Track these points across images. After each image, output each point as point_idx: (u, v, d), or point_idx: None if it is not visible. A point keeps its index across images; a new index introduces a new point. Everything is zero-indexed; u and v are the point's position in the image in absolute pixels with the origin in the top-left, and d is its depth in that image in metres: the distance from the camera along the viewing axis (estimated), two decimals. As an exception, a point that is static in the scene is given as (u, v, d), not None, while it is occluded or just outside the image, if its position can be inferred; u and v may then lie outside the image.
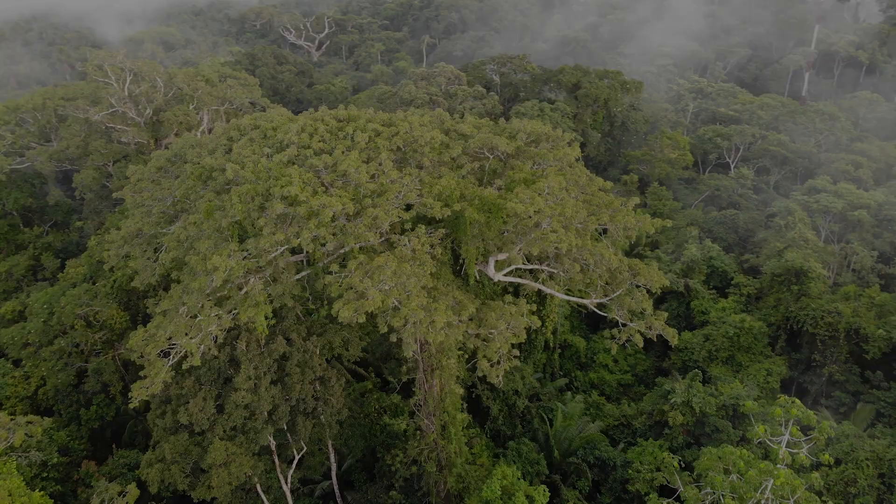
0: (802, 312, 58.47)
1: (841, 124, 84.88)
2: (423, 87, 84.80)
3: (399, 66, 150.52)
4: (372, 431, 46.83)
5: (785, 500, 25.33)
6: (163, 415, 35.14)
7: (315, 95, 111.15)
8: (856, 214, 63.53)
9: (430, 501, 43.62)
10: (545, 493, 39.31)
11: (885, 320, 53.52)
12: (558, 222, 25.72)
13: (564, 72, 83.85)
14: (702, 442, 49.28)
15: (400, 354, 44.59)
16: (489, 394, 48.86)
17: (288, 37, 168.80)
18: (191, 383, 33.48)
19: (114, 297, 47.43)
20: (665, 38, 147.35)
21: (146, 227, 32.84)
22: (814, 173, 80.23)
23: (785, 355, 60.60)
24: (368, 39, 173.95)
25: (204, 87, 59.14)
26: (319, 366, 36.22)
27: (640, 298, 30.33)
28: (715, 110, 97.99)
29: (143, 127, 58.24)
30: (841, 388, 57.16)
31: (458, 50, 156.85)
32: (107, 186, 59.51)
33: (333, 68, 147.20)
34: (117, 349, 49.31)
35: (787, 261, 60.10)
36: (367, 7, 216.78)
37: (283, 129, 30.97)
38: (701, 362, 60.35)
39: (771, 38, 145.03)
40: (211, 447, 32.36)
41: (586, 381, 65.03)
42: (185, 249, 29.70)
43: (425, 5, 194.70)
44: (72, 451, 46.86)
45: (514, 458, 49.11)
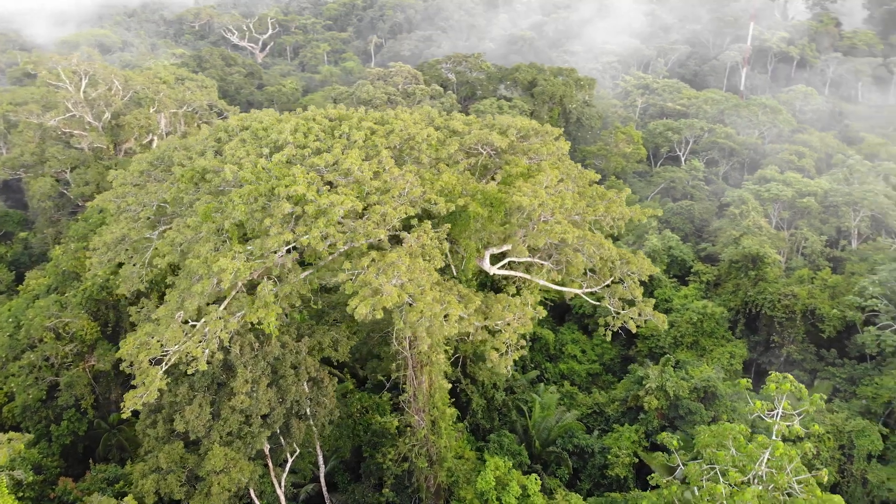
0: (760, 296, 61.20)
1: (783, 117, 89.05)
2: (380, 86, 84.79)
3: (347, 66, 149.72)
4: (355, 431, 46.82)
5: (780, 471, 26.74)
6: (153, 424, 34.37)
7: (266, 97, 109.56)
8: (804, 202, 66.84)
9: (420, 497, 43.92)
10: (536, 481, 40.17)
11: (839, 300, 56.57)
12: (561, 214, 26.49)
13: (520, 70, 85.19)
14: (676, 424, 51.07)
15: (387, 353, 44.74)
16: (472, 388, 49.44)
17: (231, 38, 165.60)
18: (185, 390, 32.88)
19: (84, 307, 45.93)
20: (608, 36, 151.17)
21: (133, 232, 32.10)
22: (759, 164, 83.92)
23: (744, 338, 63.33)
24: (313, 40, 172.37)
25: (165, 90, 57.74)
26: (313, 367, 36.12)
27: (632, 286, 31.41)
28: (663, 105, 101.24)
29: (101, 132, 56.48)
30: (798, 366, 60.09)
31: (405, 50, 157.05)
32: (65, 194, 57.40)
33: (280, 69, 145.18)
34: (88, 361, 47.80)
35: (744, 247, 62.77)
36: (308, 7, 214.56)
37: (276, 129, 30.78)
38: (667, 348, 62.40)
39: (708, 36, 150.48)
40: (209, 454, 31.89)
41: (556, 373, 66.30)
42: (182, 253, 29.22)
43: (369, 5, 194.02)
44: (44, 468, 45.18)
45: (495, 450, 49.81)
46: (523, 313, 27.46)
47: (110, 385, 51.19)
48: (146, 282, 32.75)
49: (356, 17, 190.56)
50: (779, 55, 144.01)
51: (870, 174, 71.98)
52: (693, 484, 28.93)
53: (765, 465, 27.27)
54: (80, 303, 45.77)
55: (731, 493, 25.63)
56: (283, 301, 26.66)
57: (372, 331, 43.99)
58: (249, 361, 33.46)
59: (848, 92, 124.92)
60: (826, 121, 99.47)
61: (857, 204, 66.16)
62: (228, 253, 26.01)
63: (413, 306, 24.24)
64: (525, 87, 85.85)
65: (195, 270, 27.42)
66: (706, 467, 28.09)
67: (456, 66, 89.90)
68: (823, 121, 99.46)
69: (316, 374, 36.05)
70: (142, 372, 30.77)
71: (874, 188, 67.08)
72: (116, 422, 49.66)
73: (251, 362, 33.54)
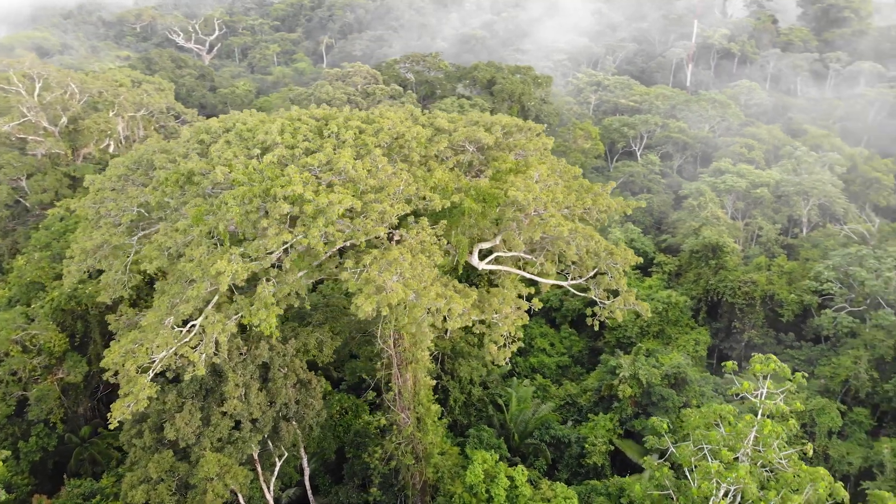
0: (721, 284, 63.40)
1: (732, 111, 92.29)
2: (339, 87, 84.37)
3: (299, 66, 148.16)
4: (335, 433, 46.68)
5: (768, 448, 28.01)
6: (140, 434, 33.63)
7: (219, 100, 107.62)
8: (758, 192, 69.52)
9: (406, 495, 44.07)
10: (523, 472, 40.81)
11: (796, 285, 59.09)
12: (554, 207, 27.11)
13: (479, 68, 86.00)
14: (649, 411, 52.49)
15: (369, 353, 44.73)
16: (454, 384, 49.84)
17: (176, 39, 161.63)
18: (173, 398, 32.30)
19: (52, 318, 44.50)
20: (557, 35, 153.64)
21: (115, 238, 31.38)
22: (712, 157, 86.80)
23: (707, 325, 65.50)
24: (262, 41, 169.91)
25: (125, 93, 56.22)
26: (301, 368, 35.93)
27: (617, 277, 32.31)
28: (616, 101, 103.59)
29: (58, 137, 54.68)
30: (759, 350, 62.27)
31: (357, 50, 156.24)
32: (21, 202, 55.30)
33: (229, 71, 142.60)
34: (56, 374, 46.33)
35: (704, 238, 64.92)
36: (253, 8, 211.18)
37: (262, 129, 30.56)
38: (634, 338, 64.01)
39: (654, 33, 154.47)
40: (203, 460, 31.42)
41: (527, 367, 67.23)
42: (171, 258, 28.75)
43: (317, 5, 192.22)
44: (15, 486, 43.66)
45: (475, 444, 50.30)
46: (519, 305, 28.00)
47: (79, 397, 49.77)
48: (129, 288, 32.01)
49: (304, 18, 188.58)
50: (721, 52, 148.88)
51: (816, 164, 75.35)
52: (684, 465, 30.00)
53: (751, 442, 28.50)
54: (47, 314, 44.33)
55: (723, 470, 26.71)
56: (283, 302, 26.52)
57: (354, 331, 43.93)
58: (238, 365, 33.11)
59: (787, 86, 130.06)
60: (770, 114, 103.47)
61: (807, 193, 69.22)
62: (224, 255, 25.74)
63: (418, 302, 24.46)
64: (484, 86, 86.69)
65: (188, 274, 27.03)
66: (694, 448, 29.15)
67: (414, 65, 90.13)
68: (768, 114, 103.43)
69: (304, 376, 35.85)
70: (129, 380, 30.13)
71: (822, 178, 70.30)
72: (88, 435, 48.37)
73: (240, 366, 33.19)
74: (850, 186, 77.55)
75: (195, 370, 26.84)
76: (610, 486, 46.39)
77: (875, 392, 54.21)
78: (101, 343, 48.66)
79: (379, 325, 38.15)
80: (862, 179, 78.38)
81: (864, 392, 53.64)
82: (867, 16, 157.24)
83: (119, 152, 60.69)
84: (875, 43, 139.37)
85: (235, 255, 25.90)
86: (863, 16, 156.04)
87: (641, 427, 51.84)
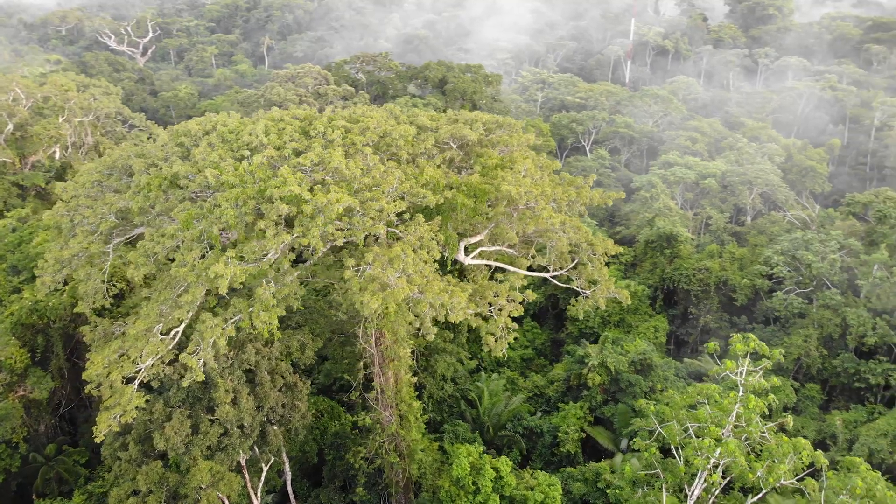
0: (677, 273, 65.76)
1: (674, 105, 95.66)
2: (290, 88, 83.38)
3: (240, 69, 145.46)
4: (313, 436, 46.41)
5: (751, 422, 29.52)
6: (124, 447, 32.73)
7: (161, 104, 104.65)
8: (706, 183, 72.41)
9: (390, 493, 44.19)
10: (507, 462, 41.54)
11: (747, 270, 61.89)
12: (543, 200, 27.84)
13: (430, 68, 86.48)
14: (617, 398, 54.06)
15: (349, 353, 44.58)
16: (431, 380, 50.19)
17: (108, 42, 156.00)
18: (160, 407, 31.60)
19: (12, 333, 42.64)
20: (499, 34, 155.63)
21: (93, 246, 30.48)
22: (657, 150, 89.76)
23: (664, 312, 67.84)
24: (198, 43, 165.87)
25: (76, 98, 54.19)
26: (287, 371, 35.68)
27: (599, 266, 33.35)
28: (563, 99, 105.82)
29: (3, 144, 52.35)
30: (715, 334, 65.07)
31: (298, 51, 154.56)
32: (-34, 214, 52.60)
33: (167, 74, 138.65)
34: (18, 391, 44.38)
35: (658, 228, 67.19)
36: (184, 9, 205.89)
37: (246, 131, 30.25)
38: (596, 328, 65.74)
39: (592, 31, 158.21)
40: (194, 469, 30.88)
41: (493, 361, 68.12)
42: (159, 263, 28.18)
43: (252, 6, 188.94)
44: (-24, 511, 41.74)
45: (451, 439, 50.84)
46: (513, 297, 28.64)
47: (42, 414, 47.85)
48: (110, 296, 31.16)
49: (241, 19, 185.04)
50: (656, 49, 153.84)
51: (757, 155, 78.96)
52: (672, 443, 31.25)
53: (734, 418, 29.96)
54: (7, 329, 42.46)
55: (715, 445, 28.04)
56: (282, 303, 26.37)
57: (333, 332, 43.76)
58: (226, 371, 32.66)
59: (721, 81, 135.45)
60: (709, 108, 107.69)
61: (751, 182, 72.53)
62: (221, 258, 25.44)
63: (422, 297, 24.75)
64: (436, 85, 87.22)
65: (182, 279, 26.59)
66: (680, 428, 30.42)
67: (365, 65, 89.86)
68: (707, 108, 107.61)
69: (290, 379, 35.60)
70: (115, 392, 29.40)
71: (764, 167, 73.78)
72: (54, 453, 46.55)
73: (227, 371, 32.75)
74: (787, 175, 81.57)
75: (193, 376, 26.37)
76: (586, 471, 47.60)
77: (824, 368, 57.33)
78: (63, 357, 46.97)
79: (360, 325, 38.26)
80: (798, 168, 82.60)
81: (814, 369, 56.68)
82: (790, 13, 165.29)
83: (67, 159, 58.54)
84: (799, 39, 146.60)
85: (232, 257, 25.63)
86: (786, 13, 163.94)
87: (611, 413, 53.41)
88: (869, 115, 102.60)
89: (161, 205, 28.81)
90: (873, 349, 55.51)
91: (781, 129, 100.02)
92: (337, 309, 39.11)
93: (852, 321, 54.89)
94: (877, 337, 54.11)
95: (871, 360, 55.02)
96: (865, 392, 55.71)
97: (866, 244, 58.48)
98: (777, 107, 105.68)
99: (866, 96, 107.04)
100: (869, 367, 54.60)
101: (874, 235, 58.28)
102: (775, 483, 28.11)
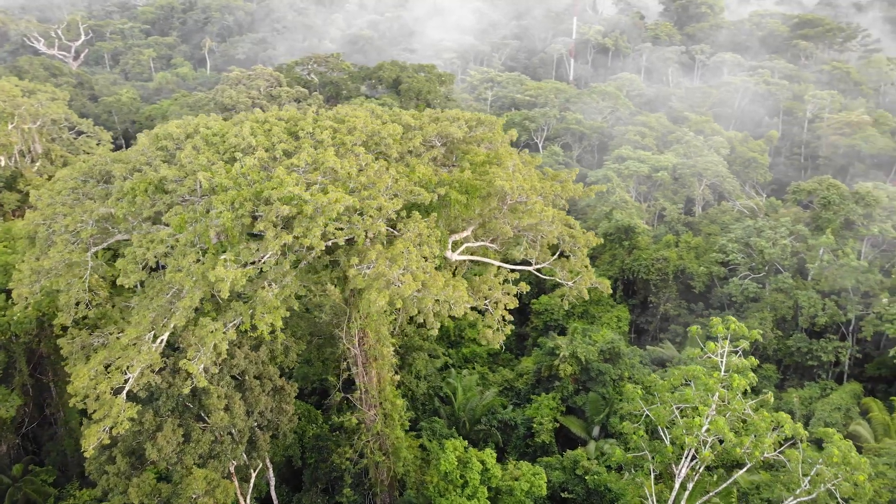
0: (636, 263, 67.79)
1: (622, 101, 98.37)
2: (243, 90, 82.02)
3: (181, 72, 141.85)
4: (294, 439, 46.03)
5: (734, 399, 31.00)
6: (111, 460, 31.87)
7: (103, 109, 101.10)
8: (658, 175, 74.87)
9: (374, 493, 44.25)
10: (492, 454, 42.22)
11: (704, 259, 64.36)
12: (533, 195, 28.53)
13: (383, 68, 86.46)
14: (588, 387, 55.46)
15: (329, 356, 44.41)
16: (410, 378, 50.40)
17: (37, 46, 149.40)
18: (150, 417, 30.92)
19: (-26, 350, 40.82)
20: (443, 34, 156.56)
21: (74, 255, 29.62)
22: (608, 145, 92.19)
23: (624, 302, 69.84)
24: (135, 46, 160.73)
25: (25, 104, 52.03)
26: (275, 375, 35.40)
27: (581, 258, 34.32)
28: (513, 97, 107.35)
29: (-51, 154, 49.95)
30: (674, 321, 67.49)
31: (240, 53, 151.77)
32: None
33: (104, 79, 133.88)
34: (-20, 411, 42.45)
35: (617, 220, 69.14)
36: (115, 11, 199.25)
37: (232, 133, 29.95)
38: (561, 320, 67.17)
39: (534, 30, 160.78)
40: (189, 478, 30.36)
41: (460, 358, 68.83)
42: (148, 269, 27.64)
43: (188, 8, 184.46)
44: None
45: (429, 436, 51.23)
46: (508, 290, 29.23)
47: (6, 434, 45.94)
48: (94, 307, 30.34)
49: (178, 21, 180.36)
50: (597, 47, 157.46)
51: (704, 148, 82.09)
52: (660, 425, 32.47)
53: (717, 397, 31.37)
54: (-32, 346, 40.63)
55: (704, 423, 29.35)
56: (284, 304, 26.25)
57: (311, 333, 43.50)
58: (216, 376, 32.18)
59: (660, 77, 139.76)
60: (653, 104, 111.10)
61: (701, 174, 75.39)
62: (220, 261, 25.17)
63: (427, 293, 25.05)
64: (390, 85, 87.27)
65: (177, 284, 26.17)
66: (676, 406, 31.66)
67: (317, 66, 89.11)
68: (651, 104, 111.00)
69: (279, 383, 35.33)
70: (104, 403, 28.71)
71: (712, 159, 76.80)
72: (20, 473, 44.79)
73: (217, 377, 32.28)
74: (732, 166, 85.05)
75: (195, 382, 25.98)
76: (564, 460, 48.71)
77: (779, 349, 60.16)
78: (27, 373, 45.23)
79: (344, 325, 38.25)
80: (741, 160, 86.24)
81: (770, 349, 59.40)
82: (720, 11, 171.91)
83: (17, 168, 56.27)
84: (731, 35, 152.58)
85: (230, 261, 25.40)
86: (717, 11, 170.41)
87: (583, 402, 54.77)
88: (801, 107, 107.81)
89: (148, 210, 28.24)
90: (824, 328, 58.60)
91: (721, 123, 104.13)
92: (320, 311, 38.96)
93: (804, 303, 57.80)
94: (827, 317, 57.14)
95: (822, 339, 58.10)
96: (818, 369, 58.77)
97: (812, 229, 61.67)
98: (717, 101, 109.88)
99: (798, 90, 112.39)
100: (820, 345, 57.64)
101: (819, 221, 61.51)
102: (760, 456, 29.59)
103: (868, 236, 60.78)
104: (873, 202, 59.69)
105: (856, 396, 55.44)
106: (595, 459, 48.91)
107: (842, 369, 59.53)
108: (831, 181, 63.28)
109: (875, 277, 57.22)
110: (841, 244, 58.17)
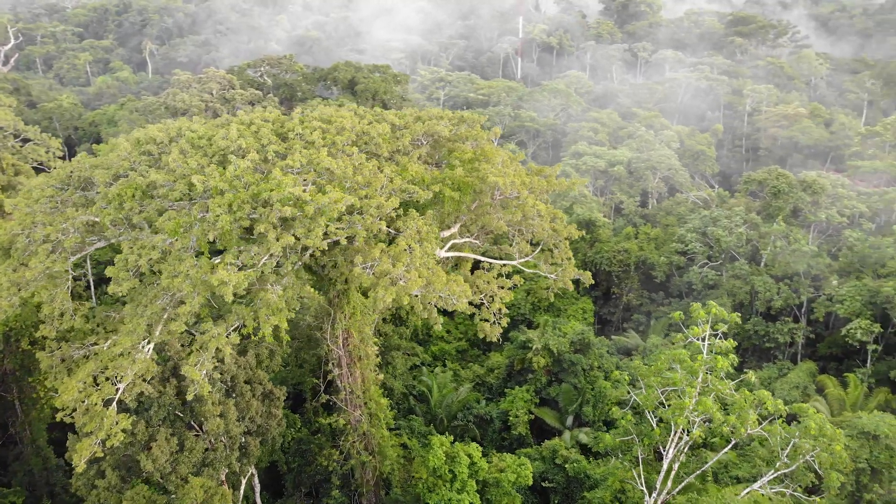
0: (598, 256, 69.54)
1: (573, 99, 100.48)
2: (195, 93, 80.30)
3: (121, 76, 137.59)
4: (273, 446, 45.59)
5: (717, 380, 32.42)
6: (101, 474, 31.04)
7: (43, 116, 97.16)
8: (615, 170, 76.90)
9: (360, 493, 44.24)
10: (478, 448, 42.78)
11: (664, 249, 66.50)
12: (525, 189, 29.17)
13: (339, 69, 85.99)
14: (561, 377, 56.66)
15: (314, 357, 44.08)
16: (390, 378, 50.48)
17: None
18: (142, 428, 30.27)
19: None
20: (389, 34, 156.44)
21: (57, 265, 28.77)
22: (561, 142, 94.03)
23: (588, 294, 71.49)
24: (69, 50, 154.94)
25: (-24, 111, 49.81)
26: (265, 379, 35.09)
27: (565, 250, 35.23)
28: (466, 96, 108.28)
29: None
30: (636, 310, 69.51)
31: (182, 56, 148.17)
32: None
33: (39, 84, 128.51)
34: (-55, 432, 40.58)
35: (578, 215, 70.71)
36: (43, 14, 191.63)
37: (219, 136, 29.60)
38: (528, 314, 68.35)
39: (480, 30, 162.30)
40: (186, 487, 29.84)
41: (430, 355, 69.22)
42: (140, 276, 27.13)
43: (123, 10, 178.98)
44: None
45: (408, 434, 51.46)
46: (503, 284, 29.81)
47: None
48: (79, 317, 29.51)
49: (113, 24, 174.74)
50: (542, 45, 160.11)
51: (655, 142, 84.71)
52: (648, 409, 33.65)
53: (701, 378, 32.75)
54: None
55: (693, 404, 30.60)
56: (287, 305, 26.15)
57: (293, 337, 43.10)
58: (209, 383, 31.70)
59: (605, 75, 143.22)
60: (602, 100, 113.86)
61: (655, 168, 77.81)
62: (220, 265, 24.93)
63: (431, 289, 25.37)
64: (345, 86, 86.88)
65: (175, 290, 25.78)
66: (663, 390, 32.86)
67: (270, 68, 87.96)
68: (599, 101, 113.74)
69: (269, 387, 35.04)
70: (95, 416, 28.03)
71: (665, 153, 79.36)
72: (-11, 494, 42.97)
73: (210, 384, 31.80)
74: (682, 159, 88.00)
75: (197, 389, 25.62)
76: (542, 450, 49.69)
77: (738, 333, 62.64)
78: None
79: (329, 326, 38.15)
80: (690, 153, 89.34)
81: (730, 334, 61.81)
82: (658, 9, 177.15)
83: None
84: (670, 33, 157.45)
85: (231, 263, 25.19)
86: (655, 9, 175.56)
87: (556, 393, 55.91)
88: (741, 101, 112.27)
89: (137, 216, 27.68)
90: (779, 312, 61.39)
91: (667, 117, 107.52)
92: (303, 313, 38.77)
93: (760, 288, 60.43)
94: (782, 300, 59.87)
95: (777, 322, 60.88)
96: (775, 351, 61.56)
97: (764, 217, 64.50)
98: (662, 97, 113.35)
99: (737, 84, 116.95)
100: (776, 328, 60.39)
101: (770, 209, 64.40)
102: (745, 433, 31.05)
103: (815, 222, 63.96)
104: (820, 190, 62.85)
105: (811, 375, 58.25)
106: (572, 448, 50.10)
107: (796, 350, 62.45)
108: (780, 171, 66.29)
109: (824, 261, 60.29)
110: (790, 231, 61.06)
